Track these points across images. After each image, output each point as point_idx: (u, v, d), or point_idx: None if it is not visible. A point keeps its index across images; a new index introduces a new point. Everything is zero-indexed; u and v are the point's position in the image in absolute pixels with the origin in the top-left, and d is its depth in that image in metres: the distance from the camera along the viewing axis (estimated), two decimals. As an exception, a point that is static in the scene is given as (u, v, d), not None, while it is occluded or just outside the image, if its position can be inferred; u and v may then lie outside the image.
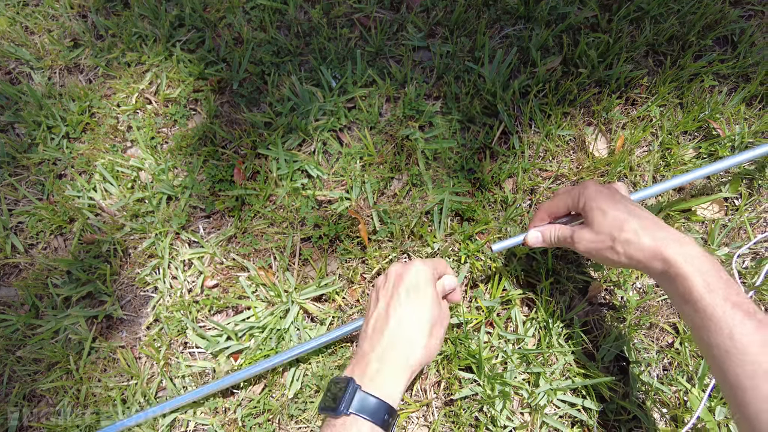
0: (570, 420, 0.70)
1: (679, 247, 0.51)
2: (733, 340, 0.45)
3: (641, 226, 0.54)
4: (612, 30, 0.87)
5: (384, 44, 0.92)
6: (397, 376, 0.53)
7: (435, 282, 0.60)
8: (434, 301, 0.57)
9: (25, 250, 0.87)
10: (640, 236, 0.53)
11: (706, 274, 0.49)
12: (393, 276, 0.59)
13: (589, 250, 0.59)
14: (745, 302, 0.47)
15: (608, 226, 0.56)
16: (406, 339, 0.55)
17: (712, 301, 0.47)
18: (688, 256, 0.50)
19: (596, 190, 0.59)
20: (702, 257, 0.50)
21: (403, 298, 0.57)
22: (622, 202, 0.58)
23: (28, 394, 0.78)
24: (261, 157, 0.87)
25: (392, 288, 0.58)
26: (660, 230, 0.54)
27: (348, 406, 0.49)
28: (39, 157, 0.91)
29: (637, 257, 0.53)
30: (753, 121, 0.84)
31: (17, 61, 1.02)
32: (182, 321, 0.78)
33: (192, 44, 0.98)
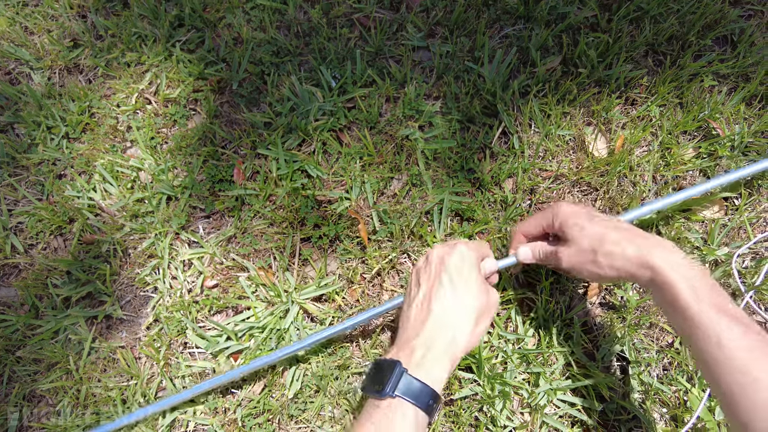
0: (570, 420, 0.70)
1: (665, 254, 0.51)
2: (720, 347, 0.45)
3: (622, 236, 0.54)
4: (612, 30, 0.87)
5: (384, 44, 0.92)
6: (442, 362, 0.53)
7: (479, 267, 0.59)
8: (480, 287, 0.57)
9: (25, 250, 0.87)
10: (623, 246, 0.53)
11: (692, 280, 0.49)
12: (435, 259, 0.59)
13: (572, 265, 0.59)
14: (731, 308, 0.47)
15: (588, 240, 0.56)
16: (450, 326, 0.54)
17: (699, 308, 0.47)
18: (674, 263, 0.50)
19: (570, 209, 0.60)
20: (687, 264, 0.50)
21: (447, 284, 0.56)
22: (597, 217, 0.58)
23: (28, 395, 0.78)
24: (261, 157, 0.87)
25: (434, 272, 0.58)
26: (642, 239, 0.54)
27: (394, 389, 0.50)
28: (39, 158, 0.91)
29: (623, 267, 0.53)
30: (753, 120, 0.84)
31: (17, 61, 1.02)
32: (182, 321, 0.78)
33: (192, 44, 0.98)
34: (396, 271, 0.80)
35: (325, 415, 0.72)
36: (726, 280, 0.75)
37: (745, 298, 0.72)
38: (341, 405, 0.72)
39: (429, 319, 0.55)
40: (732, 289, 0.75)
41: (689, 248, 0.77)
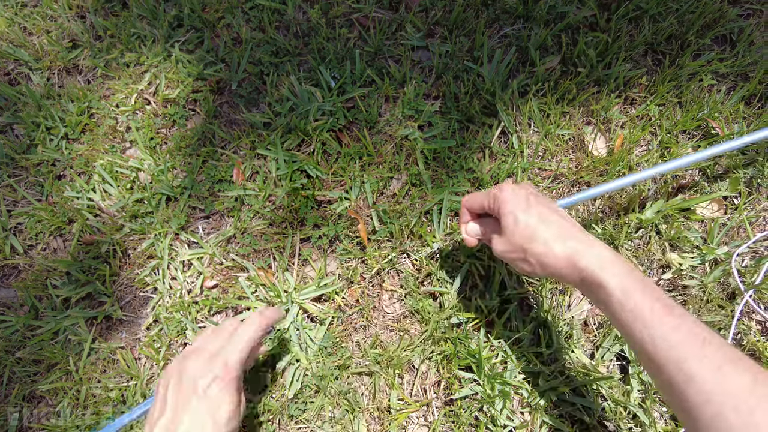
0: (570, 419, 0.70)
1: (592, 254, 0.50)
2: (655, 346, 0.44)
3: (552, 235, 0.53)
4: (611, 29, 0.87)
5: (383, 44, 0.92)
6: None
7: (241, 376, 0.56)
8: (234, 410, 0.53)
9: (25, 251, 0.87)
10: (550, 246, 0.52)
11: (621, 278, 0.48)
12: (186, 379, 0.54)
13: (504, 258, 0.58)
14: (663, 302, 0.46)
15: (519, 235, 0.54)
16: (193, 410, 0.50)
17: (630, 305, 0.47)
18: (603, 262, 0.49)
19: (511, 193, 0.57)
20: (615, 261, 0.49)
21: (196, 416, 0.51)
22: (535, 206, 0.55)
23: (28, 395, 0.78)
24: (260, 158, 0.87)
25: (184, 398, 0.53)
26: (570, 238, 0.52)
27: None
28: (38, 158, 0.91)
29: (553, 267, 0.52)
30: (752, 119, 0.84)
31: (16, 62, 1.02)
32: (182, 322, 0.78)
33: (191, 44, 0.98)
34: (396, 270, 0.80)
35: (325, 416, 0.72)
36: (725, 279, 0.75)
37: (745, 297, 0.72)
38: (341, 405, 0.72)
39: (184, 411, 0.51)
40: (732, 288, 0.75)
41: (689, 247, 0.78)
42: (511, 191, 0.57)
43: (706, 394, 0.40)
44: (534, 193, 0.58)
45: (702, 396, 0.41)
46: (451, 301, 0.75)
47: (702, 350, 0.42)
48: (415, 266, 0.79)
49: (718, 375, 0.40)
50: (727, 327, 0.72)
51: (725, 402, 0.39)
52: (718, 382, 0.40)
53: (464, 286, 0.77)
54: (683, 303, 0.75)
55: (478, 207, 0.62)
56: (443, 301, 0.75)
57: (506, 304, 0.75)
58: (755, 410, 0.38)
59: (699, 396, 0.41)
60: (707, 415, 0.40)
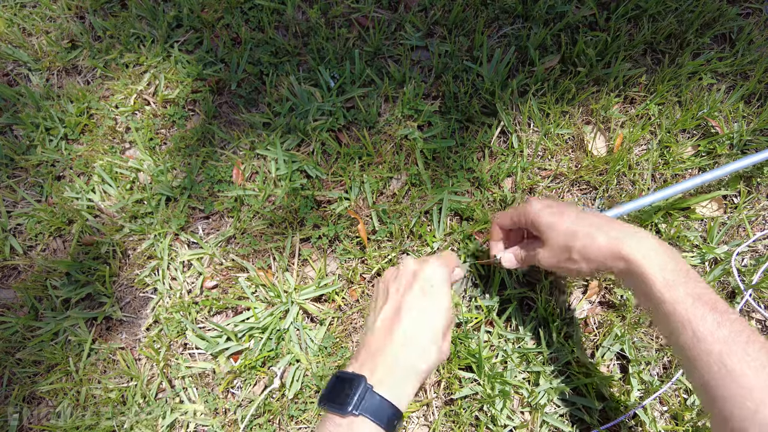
0: (570, 419, 0.70)
1: (636, 243, 0.50)
2: (696, 339, 0.45)
3: (593, 227, 0.53)
4: (610, 28, 0.87)
5: (382, 44, 0.92)
6: (408, 380, 0.50)
7: (450, 283, 0.57)
8: (449, 305, 0.55)
9: (24, 251, 0.87)
10: (594, 237, 0.52)
11: (666, 269, 0.48)
12: (408, 272, 0.57)
13: (552, 267, 0.58)
14: (707, 296, 0.46)
15: (561, 238, 0.55)
16: (419, 342, 0.52)
17: (674, 298, 0.46)
18: (647, 251, 0.49)
19: (539, 207, 0.59)
20: (661, 251, 0.49)
21: (419, 299, 0.54)
22: (568, 212, 0.57)
23: (28, 396, 0.78)
24: (260, 158, 0.87)
25: (406, 285, 0.56)
26: (613, 228, 0.52)
27: (357, 407, 0.47)
28: (37, 159, 0.91)
29: (597, 259, 0.52)
30: (751, 118, 0.84)
31: (15, 62, 1.02)
32: (182, 322, 0.78)
33: (190, 45, 0.97)
34: (396, 270, 0.80)
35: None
36: (725, 278, 0.75)
37: (745, 296, 0.72)
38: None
39: (397, 333, 0.52)
40: (731, 287, 0.75)
41: (689, 246, 0.78)
42: (538, 205, 0.59)
43: (748, 390, 0.41)
44: (562, 203, 0.60)
45: (744, 390, 0.42)
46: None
47: (745, 348, 0.43)
48: (415, 266, 0.79)
49: (762, 373, 0.42)
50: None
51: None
52: (762, 379, 0.41)
53: (464, 286, 0.77)
54: (683, 302, 0.75)
55: (510, 224, 0.64)
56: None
57: (506, 303, 0.75)
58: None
59: (740, 390, 0.42)
60: (748, 409, 0.41)
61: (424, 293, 0.54)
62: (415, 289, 0.54)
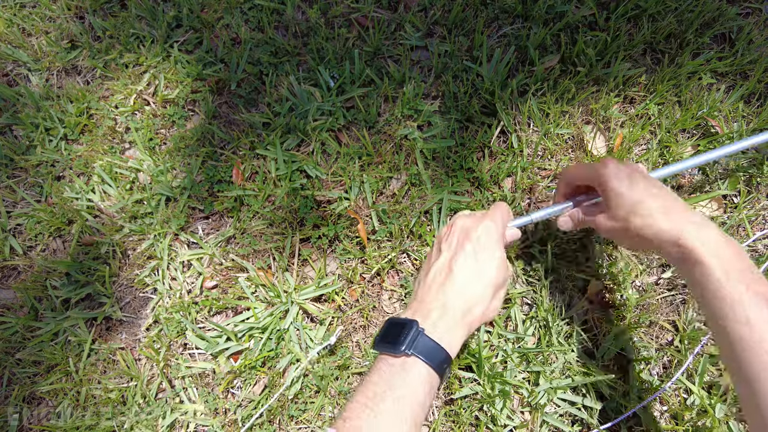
0: (570, 418, 0.70)
1: (697, 231, 0.49)
2: (750, 327, 0.44)
3: (657, 208, 0.52)
4: (610, 28, 0.87)
5: (382, 44, 0.92)
6: (458, 328, 0.53)
7: (503, 242, 0.58)
8: (501, 262, 0.56)
9: (24, 252, 0.87)
10: (655, 219, 0.52)
11: (724, 260, 0.47)
12: (459, 229, 0.58)
13: (608, 233, 0.58)
14: (764, 288, 0.45)
15: (624, 209, 0.54)
16: (469, 295, 0.54)
17: (731, 288, 0.46)
18: (707, 240, 0.48)
19: (615, 169, 0.57)
20: (721, 241, 0.48)
21: (470, 255, 0.55)
22: (640, 182, 0.55)
23: (28, 397, 0.78)
24: (259, 158, 0.87)
25: (457, 242, 0.57)
26: (677, 212, 0.51)
27: (410, 347, 0.49)
28: (37, 159, 0.91)
29: (654, 242, 0.52)
30: (751, 118, 0.84)
31: (15, 62, 1.02)
32: (182, 322, 0.78)
33: (190, 45, 0.97)
34: (396, 270, 0.80)
35: (325, 416, 0.72)
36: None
37: (745, 295, 0.72)
38: (342, 405, 0.72)
39: (448, 284, 0.54)
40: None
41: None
42: (615, 166, 0.57)
43: None
44: (638, 170, 0.58)
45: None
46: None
47: None
48: (415, 266, 0.79)
49: None
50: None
51: None
52: None
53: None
54: (683, 302, 0.75)
55: (582, 178, 0.62)
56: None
57: (506, 303, 0.75)
58: None
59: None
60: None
61: (475, 251, 0.56)
62: (467, 248, 0.56)
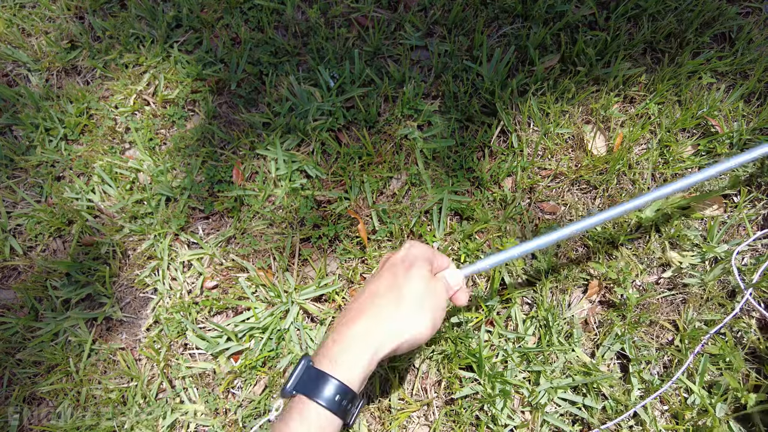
0: (571, 418, 0.70)
1: None
2: None
3: None
4: (610, 28, 0.87)
5: (382, 44, 0.92)
6: (360, 353, 0.46)
7: (429, 262, 0.54)
8: (423, 277, 0.51)
9: (24, 252, 0.87)
10: None
11: None
12: (387, 259, 0.56)
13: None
14: None
15: None
16: (384, 327, 0.48)
17: None
18: None
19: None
20: None
21: (385, 271, 0.52)
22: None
23: (28, 397, 0.78)
24: (260, 158, 0.87)
25: (383, 268, 0.53)
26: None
27: (294, 385, 0.44)
28: (37, 159, 0.91)
29: None
30: (751, 117, 0.84)
31: (14, 63, 1.02)
32: (182, 322, 0.78)
33: (189, 45, 0.97)
34: (396, 270, 0.79)
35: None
36: (726, 277, 0.75)
37: (745, 295, 0.72)
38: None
39: (366, 313, 0.49)
40: (732, 286, 0.75)
41: (689, 245, 0.78)
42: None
43: None
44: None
45: None
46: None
47: None
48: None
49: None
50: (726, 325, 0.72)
51: None
52: None
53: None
54: (683, 301, 0.75)
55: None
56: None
57: (507, 303, 0.75)
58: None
59: None
60: None
61: (392, 266, 0.52)
62: (384, 268, 0.53)
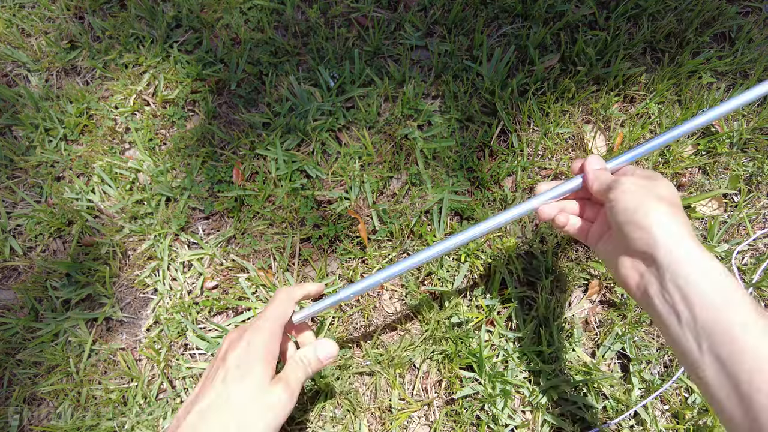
0: (571, 418, 0.70)
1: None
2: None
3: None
4: (610, 27, 0.87)
5: (382, 43, 0.92)
6: None
7: (270, 355, 0.49)
8: (261, 389, 0.46)
9: (24, 252, 0.87)
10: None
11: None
12: (221, 352, 0.50)
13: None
14: None
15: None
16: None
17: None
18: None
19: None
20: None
21: (218, 387, 0.46)
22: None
23: (29, 398, 0.78)
24: (260, 158, 0.87)
25: (213, 369, 0.49)
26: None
27: None
28: (37, 160, 0.91)
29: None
30: (751, 117, 0.84)
31: (14, 63, 1.02)
32: (182, 323, 0.78)
33: (189, 45, 0.97)
34: (396, 270, 0.80)
35: (326, 416, 0.72)
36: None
37: (745, 294, 0.72)
38: (342, 405, 0.72)
39: (181, 427, 0.45)
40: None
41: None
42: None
43: None
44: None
45: None
46: (452, 301, 0.75)
47: None
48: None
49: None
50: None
51: None
52: None
53: (464, 286, 0.77)
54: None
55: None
56: (444, 301, 0.75)
57: (507, 303, 0.75)
58: None
59: None
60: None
61: (225, 381, 0.46)
62: (218, 375, 0.47)
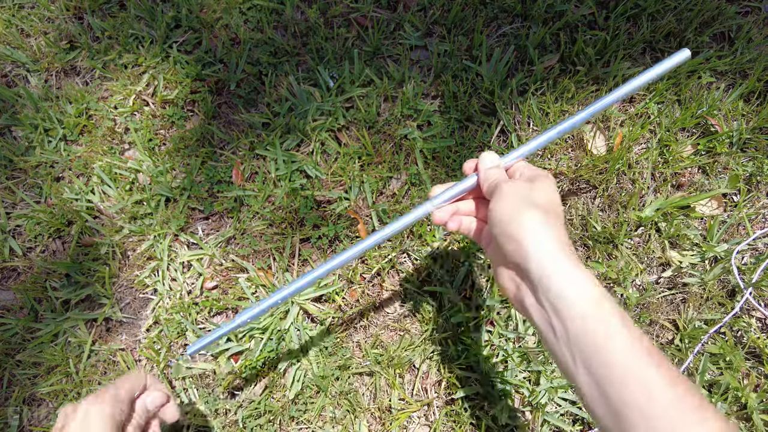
0: (571, 418, 0.70)
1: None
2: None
3: None
4: (609, 27, 0.87)
5: (381, 44, 0.92)
6: None
7: (114, 424, 0.48)
8: None
9: (24, 253, 0.87)
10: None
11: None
12: (58, 423, 0.48)
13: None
14: None
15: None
16: None
17: None
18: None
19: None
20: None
21: None
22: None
23: (28, 398, 0.78)
24: (259, 158, 0.87)
25: None
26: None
27: None
28: (36, 160, 0.91)
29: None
30: (751, 117, 0.84)
31: (13, 63, 1.02)
32: (182, 323, 0.78)
33: (189, 45, 0.97)
34: (396, 270, 0.80)
35: (326, 416, 0.72)
36: (725, 276, 0.75)
37: (745, 294, 0.72)
38: (342, 405, 0.72)
39: None
40: (731, 286, 0.75)
41: (689, 245, 0.78)
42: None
43: None
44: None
45: None
46: (452, 301, 0.75)
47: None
48: (415, 266, 0.79)
49: None
50: (726, 324, 0.72)
51: None
52: None
53: (464, 286, 0.77)
54: (683, 300, 0.75)
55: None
56: (443, 301, 0.75)
57: (507, 302, 0.75)
58: None
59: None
60: None
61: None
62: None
